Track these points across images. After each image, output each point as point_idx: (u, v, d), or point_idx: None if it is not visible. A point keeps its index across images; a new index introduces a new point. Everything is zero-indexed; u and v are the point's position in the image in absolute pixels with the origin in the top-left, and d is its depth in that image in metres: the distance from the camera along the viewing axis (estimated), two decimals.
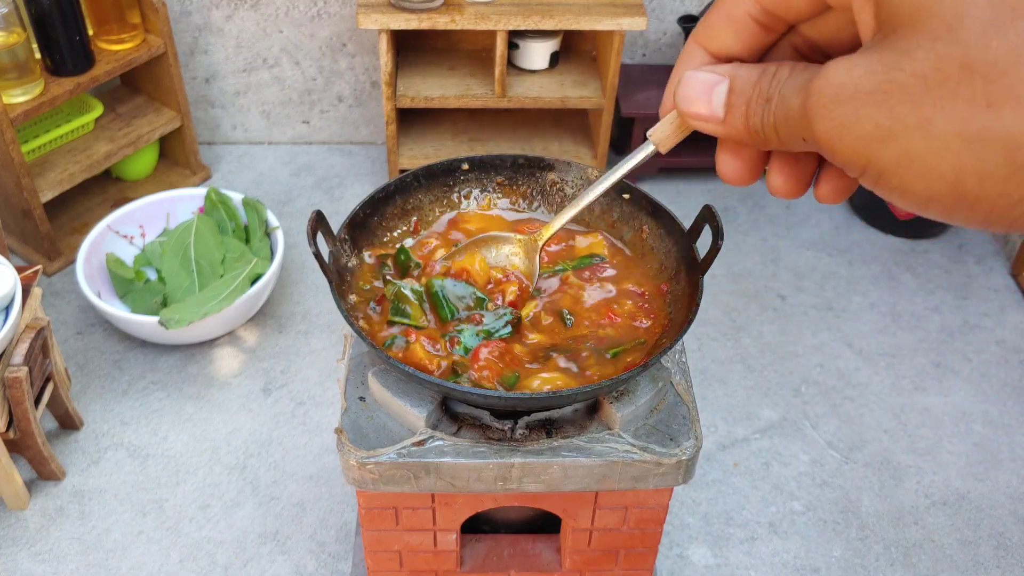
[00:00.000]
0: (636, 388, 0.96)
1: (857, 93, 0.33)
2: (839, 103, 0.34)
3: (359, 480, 0.95)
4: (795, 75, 0.37)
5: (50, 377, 1.57)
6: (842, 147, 0.35)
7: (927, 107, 0.31)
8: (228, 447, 1.68)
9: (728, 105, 0.40)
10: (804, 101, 0.36)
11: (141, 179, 2.24)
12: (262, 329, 1.91)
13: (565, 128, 2.32)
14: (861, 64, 0.34)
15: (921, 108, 0.32)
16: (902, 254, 2.15)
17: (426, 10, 1.91)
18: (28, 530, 1.53)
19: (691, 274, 0.97)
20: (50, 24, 1.78)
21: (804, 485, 1.64)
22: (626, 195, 1.06)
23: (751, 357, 1.88)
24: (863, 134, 0.33)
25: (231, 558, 1.51)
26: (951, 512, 1.61)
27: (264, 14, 2.20)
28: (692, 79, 0.41)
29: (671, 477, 0.97)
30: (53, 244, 1.99)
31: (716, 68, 0.41)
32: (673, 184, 2.33)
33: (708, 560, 1.53)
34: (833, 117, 0.34)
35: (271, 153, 2.41)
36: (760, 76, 0.39)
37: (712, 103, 0.41)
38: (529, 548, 1.22)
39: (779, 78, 0.38)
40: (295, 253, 2.08)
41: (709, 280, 2.00)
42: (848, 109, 0.34)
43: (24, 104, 1.78)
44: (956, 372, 1.87)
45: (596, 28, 1.94)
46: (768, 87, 0.38)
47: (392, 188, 1.05)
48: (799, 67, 0.37)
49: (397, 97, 2.08)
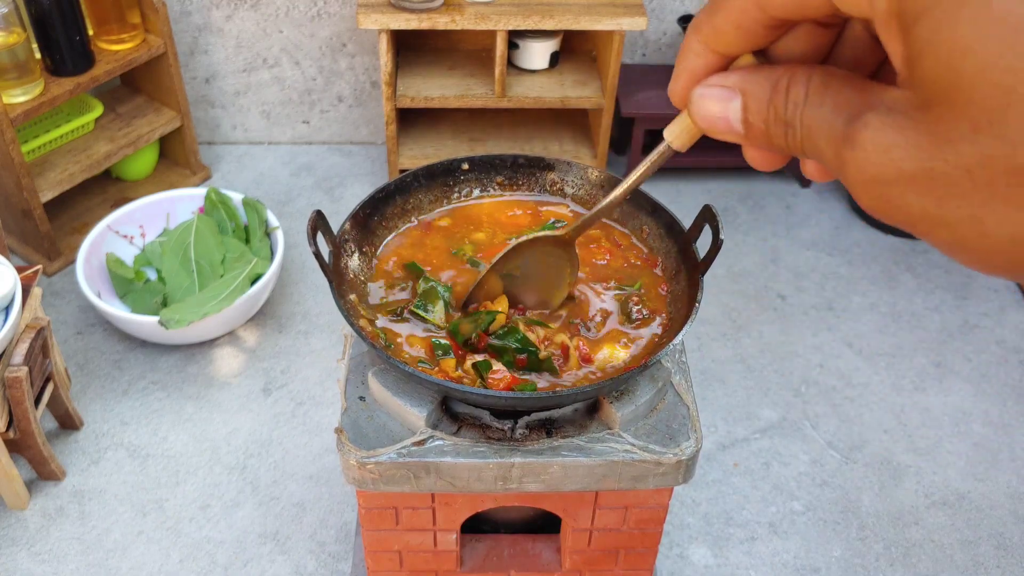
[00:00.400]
0: (636, 388, 0.96)
1: (900, 177, 0.31)
2: (883, 184, 0.32)
3: (359, 480, 0.95)
4: (814, 104, 0.35)
5: (50, 377, 1.57)
6: (895, 222, 0.33)
7: (976, 205, 0.29)
8: (228, 447, 1.68)
9: (746, 124, 0.38)
10: (840, 164, 0.33)
11: (141, 179, 2.24)
12: (262, 329, 1.91)
13: (565, 128, 2.32)
14: (900, 142, 0.31)
15: (970, 205, 0.29)
16: (902, 254, 2.15)
17: (426, 10, 1.91)
18: (28, 530, 1.53)
19: (691, 274, 0.97)
20: (50, 24, 1.78)
21: (804, 485, 1.64)
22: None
23: (751, 357, 1.88)
24: (914, 217, 0.31)
25: (231, 558, 1.51)
26: (951, 512, 1.61)
27: (264, 14, 2.20)
28: (703, 97, 0.39)
29: (671, 477, 0.97)
30: (53, 244, 1.99)
31: (726, 79, 0.39)
32: (673, 184, 2.33)
33: (708, 560, 1.53)
34: (879, 196, 0.32)
35: (271, 153, 2.41)
36: (772, 94, 0.36)
37: (730, 120, 0.39)
38: (529, 548, 1.22)
39: (795, 100, 0.35)
40: (295, 253, 2.08)
41: (709, 280, 2.00)
42: (895, 191, 0.31)
43: (24, 104, 1.78)
44: (956, 372, 1.87)
45: (596, 28, 1.94)
46: (784, 110, 0.36)
47: (392, 188, 1.05)
48: (816, 83, 0.35)
49: (397, 97, 2.08)
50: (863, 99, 0.33)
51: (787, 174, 2.38)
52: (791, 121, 0.36)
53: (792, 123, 0.35)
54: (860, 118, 0.32)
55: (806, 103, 0.35)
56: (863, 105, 0.33)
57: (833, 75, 0.35)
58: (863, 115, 0.32)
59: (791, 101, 0.35)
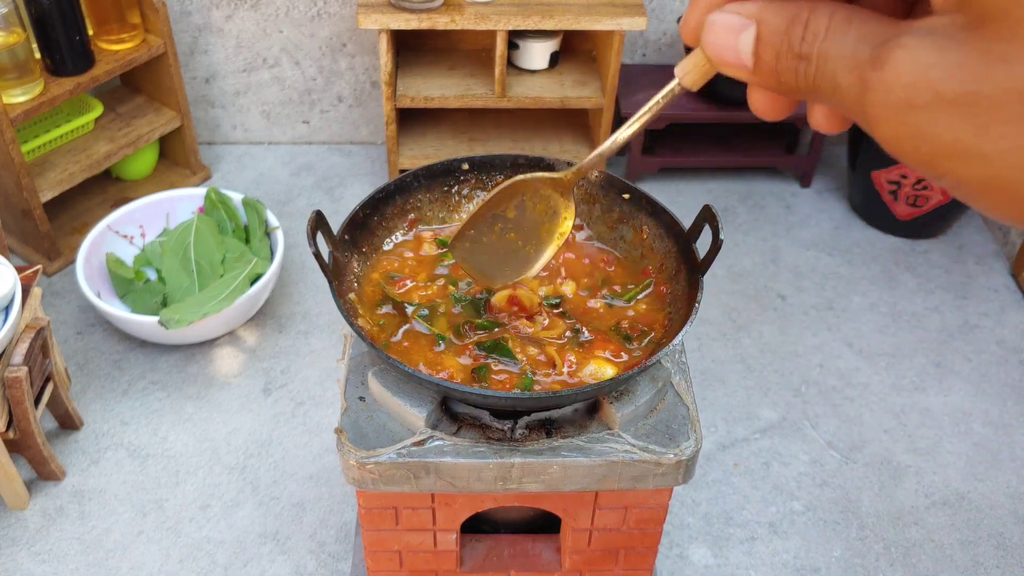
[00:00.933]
0: (636, 388, 0.96)
1: (937, 100, 0.28)
2: (913, 109, 0.29)
3: (359, 480, 0.95)
4: (837, 34, 0.32)
5: (50, 377, 1.57)
6: (915, 156, 0.30)
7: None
8: (228, 447, 1.68)
9: (756, 55, 0.35)
10: (861, 90, 0.30)
11: (141, 179, 2.24)
12: (262, 329, 1.91)
13: (565, 128, 2.31)
14: (940, 62, 0.28)
15: (1019, 133, 0.27)
16: (902, 254, 2.15)
17: (426, 10, 1.91)
18: (28, 530, 1.53)
19: (691, 274, 0.97)
20: (50, 24, 1.78)
21: (804, 485, 1.64)
22: (626, 195, 1.06)
23: (751, 357, 1.88)
24: (943, 147, 0.29)
25: (231, 558, 1.51)
26: (951, 512, 1.61)
27: (264, 14, 2.20)
28: (716, 23, 0.37)
29: (671, 477, 0.97)
30: (53, 244, 1.99)
31: (742, 7, 0.36)
32: (673, 184, 2.33)
33: (708, 560, 1.53)
34: (904, 123, 0.29)
35: (271, 153, 2.41)
36: (790, 25, 0.34)
37: (739, 50, 0.36)
38: (529, 548, 1.22)
39: (814, 31, 0.33)
40: (295, 253, 2.08)
41: (709, 280, 2.00)
42: (924, 117, 0.29)
43: (24, 104, 1.78)
44: (956, 372, 1.87)
45: (596, 28, 1.94)
46: (800, 41, 0.33)
47: (392, 188, 1.05)
48: (839, 17, 0.32)
49: (397, 97, 2.08)
50: (895, 28, 0.30)
51: (787, 174, 2.38)
52: (807, 54, 0.33)
53: (807, 56, 0.33)
54: (894, 39, 0.30)
55: (827, 35, 0.32)
56: (896, 31, 0.30)
57: (857, 11, 0.32)
58: (897, 37, 0.30)
59: (809, 32, 0.33)
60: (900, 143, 0.30)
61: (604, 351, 0.96)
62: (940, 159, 0.29)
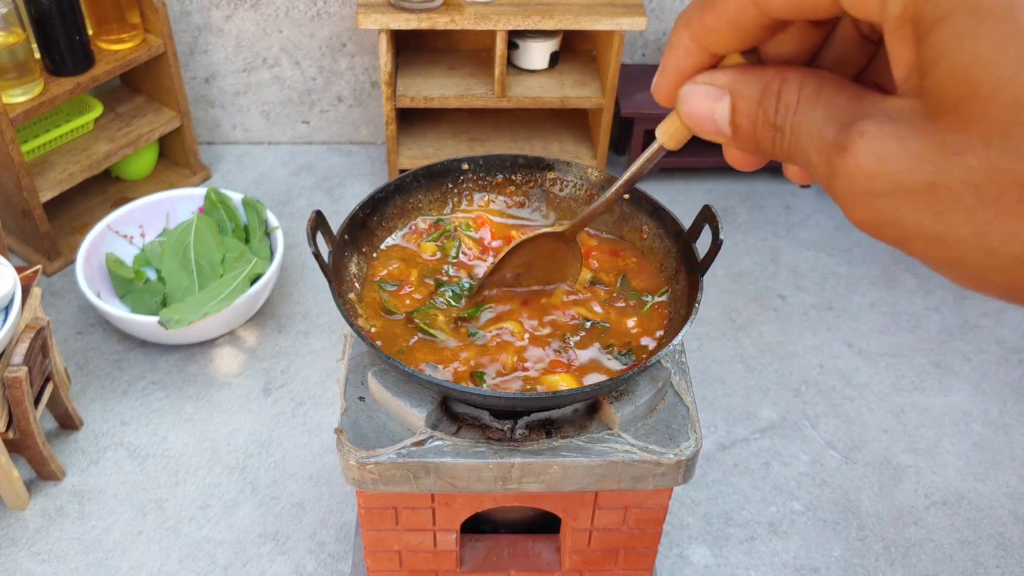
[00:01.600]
0: (636, 388, 0.96)
1: (896, 190, 0.29)
2: (875, 197, 0.30)
3: (359, 480, 0.95)
4: (807, 107, 0.33)
5: (50, 377, 1.57)
6: (885, 238, 0.31)
7: (980, 222, 0.28)
8: (228, 447, 1.68)
9: (734, 126, 0.36)
10: (829, 174, 0.31)
11: (141, 179, 2.24)
12: (262, 329, 1.91)
13: (565, 128, 2.31)
14: (900, 152, 0.29)
15: (974, 221, 0.28)
16: (902, 254, 2.15)
17: (426, 10, 1.91)
18: (28, 530, 1.53)
19: (691, 274, 0.97)
20: (50, 24, 1.78)
21: (804, 485, 1.64)
22: (626, 195, 1.06)
23: (751, 357, 1.88)
24: (907, 232, 0.30)
25: (231, 558, 1.51)
26: (951, 512, 1.61)
27: (264, 14, 2.20)
28: (692, 95, 0.38)
29: (671, 477, 0.97)
30: (53, 244, 1.99)
31: (714, 78, 0.37)
32: (673, 184, 2.33)
33: (708, 560, 1.53)
34: (870, 209, 0.30)
35: (271, 153, 2.41)
36: (762, 96, 0.35)
37: (716, 121, 0.37)
38: (529, 548, 1.22)
39: (786, 104, 0.34)
40: (295, 253, 2.08)
41: (709, 280, 2.00)
42: (887, 204, 0.30)
43: (24, 104, 1.78)
44: (956, 372, 1.87)
45: (596, 28, 1.94)
46: (774, 115, 0.34)
47: (392, 188, 1.05)
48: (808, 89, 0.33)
49: (397, 97, 2.08)
50: (859, 107, 0.31)
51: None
52: (781, 126, 0.34)
53: (782, 128, 0.34)
54: (855, 125, 0.31)
55: (797, 108, 0.33)
56: (858, 113, 0.31)
57: (826, 80, 0.33)
58: (858, 122, 0.31)
59: (782, 105, 0.34)
60: (869, 226, 0.31)
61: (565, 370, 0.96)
62: (907, 241, 0.30)
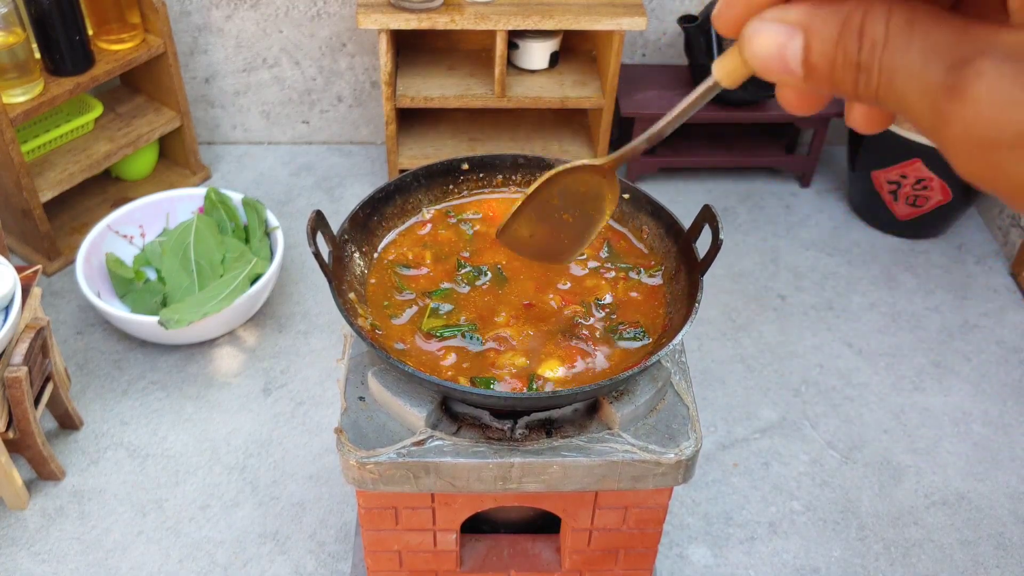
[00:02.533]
0: (636, 388, 0.96)
1: (1021, 139, 0.26)
2: (995, 148, 0.27)
3: (359, 480, 0.95)
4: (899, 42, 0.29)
5: (50, 377, 1.57)
6: (997, 190, 0.29)
7: None
8: (228, 447, 1.68)
9: (808, 66, 0.33)
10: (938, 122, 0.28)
11: (141, 179, 2.24)
12: (262, 329, 1.91)
13: (565, 128, 2.31)
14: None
15: None
16: (902, 254, 2.15)
17: (426, 10, 1.91)
18: (28, 530, 1.53)
19: (691, 274, 0.97)
20: (50, 24, 1.78)
21: (804, 485, 1.64)
22: (626, 195, 1.06)
23: (751, 357, 1.88)
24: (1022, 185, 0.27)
25: (231, 558, 1.51)
26: (951, 512, 1.61)
27: (264, 14, 2.20)
28: (759, 33, 0.34)
29: (671, 477, 0.97)
30: (53, 244, 1.99)
31: (786, 14, 0.33)
32: (673, 184, 2.33)
33: (708, 560, 1.53)
34: (986, 160, 0.28)
35: (271, 153, 2.41)
36: (842, 32, 0.31)
37: (788, 61, 0.33)
38: (529, 548, 1.22)
39: (872, 41, 0.30)
40: (295, 253, 2.08)
41: (709, 280, 2.00)
42: (1007, 156, 0.27)
43: (24, 104, 1.78)
44: (956, 372, 1.87)
45: (596, 28, 1.94)
46: (857, 52, 0.31)
47: (392, 188, 1.05)
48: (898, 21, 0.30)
49: (397, 97, 2.08)
50: (967, 43, 0.28)
51: (787, 174, 2.38)
52: (867, 65, 0.30)
53: (868, 67, 0.30)
54: (970, 65, 0.27)
55: (887, 44, 0.30)
56: (970, 50, 0.28)
57: (918, 11, 0.30)
58: (973, 62, 0.27)
59: (867, 41, 0.30)
60: (981, 177, 0.29)
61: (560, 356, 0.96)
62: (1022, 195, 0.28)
